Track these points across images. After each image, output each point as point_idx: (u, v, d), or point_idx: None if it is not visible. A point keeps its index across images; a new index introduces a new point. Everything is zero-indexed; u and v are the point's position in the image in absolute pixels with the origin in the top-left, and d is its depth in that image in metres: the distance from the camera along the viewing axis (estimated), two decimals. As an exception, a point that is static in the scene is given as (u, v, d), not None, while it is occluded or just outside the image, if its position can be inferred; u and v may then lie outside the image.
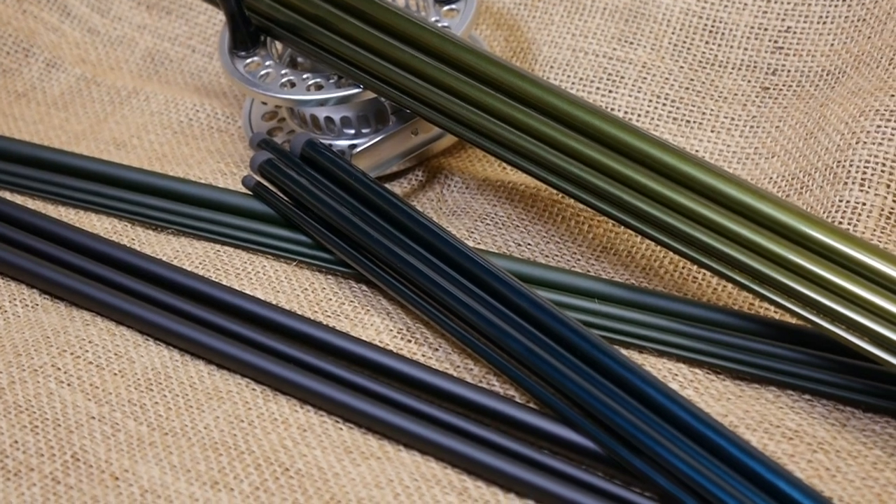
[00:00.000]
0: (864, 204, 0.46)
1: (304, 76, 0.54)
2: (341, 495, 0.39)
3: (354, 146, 0.53)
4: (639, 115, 0.54)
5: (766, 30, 0.54)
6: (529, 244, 0.50)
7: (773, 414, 0.41)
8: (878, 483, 0.39)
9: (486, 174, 0.54)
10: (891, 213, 0.46)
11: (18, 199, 0.54)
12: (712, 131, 0.53)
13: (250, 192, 0.52)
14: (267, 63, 0.55)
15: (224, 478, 0.40)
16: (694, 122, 0.53)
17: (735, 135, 0.53)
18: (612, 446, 0.39)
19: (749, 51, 0.54)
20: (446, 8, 0.55)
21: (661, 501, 0.38)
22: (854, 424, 0.41)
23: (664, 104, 0.54)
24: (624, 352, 0.44)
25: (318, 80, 0.53)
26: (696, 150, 0.52)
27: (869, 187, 0.46)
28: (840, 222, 0.46)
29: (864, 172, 0.46)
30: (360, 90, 0.52)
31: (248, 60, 0.55)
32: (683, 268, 0.48)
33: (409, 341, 0.46)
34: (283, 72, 0.54)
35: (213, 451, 0.41)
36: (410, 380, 0.43)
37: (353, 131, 0.54)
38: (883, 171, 0.46)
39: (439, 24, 0.53)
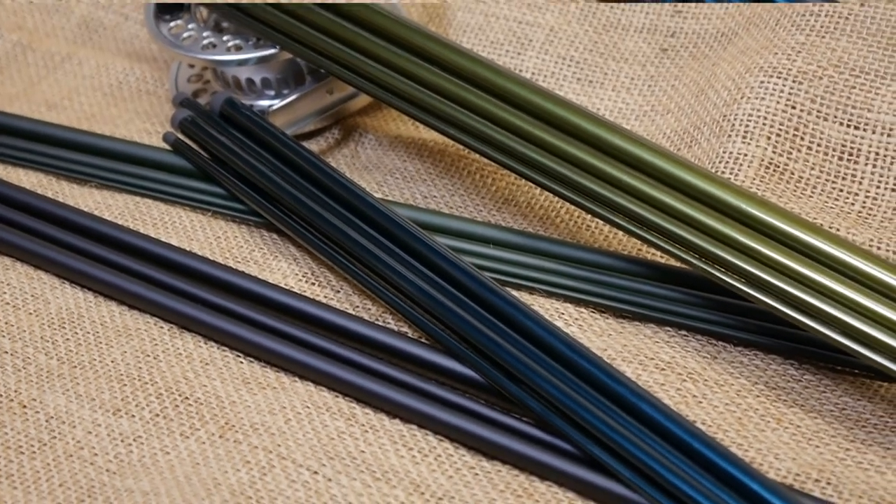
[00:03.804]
0: (745, 155, 0.48)
1: (225, 38, 0.56)
2: (235, 420, 0.41)
3: (273, 105, 0.56)
4: (545, 76, 0.56)
5: (666, -6, 0.56)
6: (435, 196, 0.52)
7: (649, 348, 0.44)
8: (740, 408, 0.41)
9: (398, 132, 0.56)
10: (770, 163, 0.48)
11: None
12: (613, 90, 0.55)
13: (170, 148, 0.54)
14: (190, 26, 0.57)
15: (126, 406, 0.42)
16: (596, 81, 0.56)
17: (634, 93, 0.55)
18: (493, 376, 0.42)
19: (650, 14, 0.56)
20: (363, -27, 0.57)
21: (537, 425, 0.41)
22: (724, 357, 0.43)
23: (569, 65, 0.56)
24: (514, 293, 0.46)
25: (238, 41, 0.56)
26: (598, 108, 0.55)
27: (750, 139, 0.49)
28: (723, 172, 0.48)
29: (747, 125, 0.49)
30: (276, 51, 0.54)
31: (172, 24, 0.57)
32: (578, 217, 0.50)
33: (313, 284, 0.48)
34: (205, 34, 0.56)
35: (118, 383, 0.43)
36: (312, 318, 0.45)
37: (273, 92, 0.56)
38: (764, 124, 0.49)
39: (355, -11, 0.56)
